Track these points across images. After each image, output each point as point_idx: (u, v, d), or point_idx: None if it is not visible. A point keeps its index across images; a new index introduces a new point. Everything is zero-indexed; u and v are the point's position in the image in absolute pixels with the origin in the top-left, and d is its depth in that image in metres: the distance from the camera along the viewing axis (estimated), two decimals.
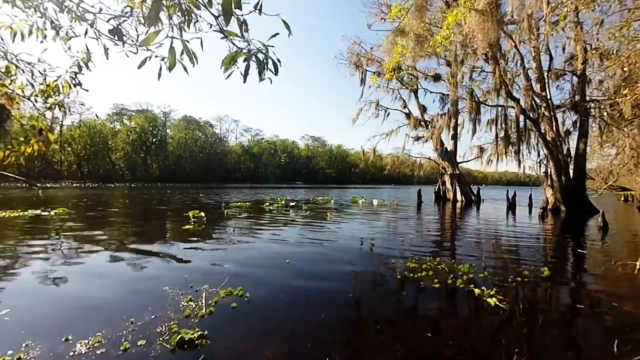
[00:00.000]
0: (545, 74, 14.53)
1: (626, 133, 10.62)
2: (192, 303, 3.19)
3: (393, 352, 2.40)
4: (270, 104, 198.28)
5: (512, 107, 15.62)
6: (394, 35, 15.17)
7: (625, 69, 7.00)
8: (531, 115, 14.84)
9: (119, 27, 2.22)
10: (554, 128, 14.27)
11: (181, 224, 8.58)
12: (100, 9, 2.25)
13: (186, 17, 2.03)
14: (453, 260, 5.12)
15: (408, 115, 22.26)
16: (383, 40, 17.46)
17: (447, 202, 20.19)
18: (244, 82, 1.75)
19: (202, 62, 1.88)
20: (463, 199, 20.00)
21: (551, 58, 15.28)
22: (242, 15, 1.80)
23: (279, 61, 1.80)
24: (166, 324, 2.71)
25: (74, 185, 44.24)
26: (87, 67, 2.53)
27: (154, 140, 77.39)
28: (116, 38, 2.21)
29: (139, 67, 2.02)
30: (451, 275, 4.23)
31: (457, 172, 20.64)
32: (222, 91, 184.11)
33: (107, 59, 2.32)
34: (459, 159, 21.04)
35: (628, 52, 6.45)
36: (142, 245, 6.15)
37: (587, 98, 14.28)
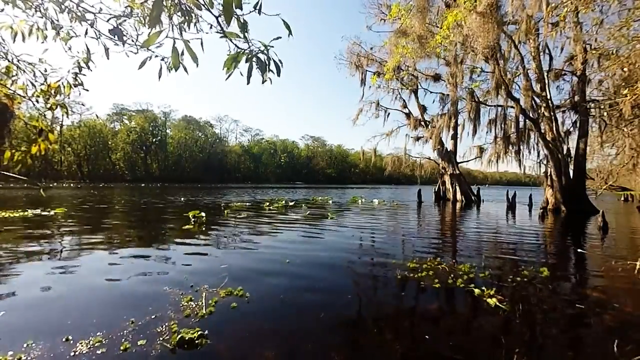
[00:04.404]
0: (545, 74, 14.52)
1: (626, 133, 10.63)
2: (192, 303, 3.19)
3: (393, 352, 2.40)
4: (271, 104, 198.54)
5: (512, 107, 15.62)
6: (397, 37, 15.18)
7: (625, 69, 7.01)
8: (531, 115, 14.84)
9: (119, 27, 2.22)
10: (554, 128, 14.26)
11: (181, 224, 8.58)
12: (100, 9, 2.25)
13: (187, 18, 2.03)
14: (453, 260, 5.12)
15: (408, 115, 22.26)
16: (385, 42, 17.49)
17: (447, 202, 20.19)
18: (248, 83, 1.76)
19: (202, 62, 1.89)
20: (463, 199, 20.01)
21: (551, 58, 15.30)
22: (242, 16, 1.81)
23: (281, 62, 1.80)
24: (166, 324, 2.72)
25: (74, 185, 44.24)
26: (88, 67, 2.53)
27: (154, 140, 77.45)
28: (116, 38, 2.22)
29: (140, 67, 2.02)
30: (451, 275, 4.23)
31: (457, 172, 20.64)
32: (222, 91, 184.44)
33: (108, 58, 2.33)
34: (459, 159, 21.05)
35: (628, 52, 6.45)
36: (142, 245, 6.16)
37: (587, 98, 14.28)
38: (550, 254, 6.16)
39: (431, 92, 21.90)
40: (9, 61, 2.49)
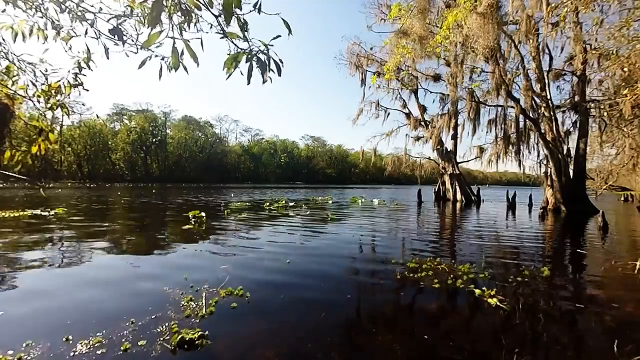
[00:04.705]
0: (545, 74, 14.53)
1: (626, 133, 10.64)
2: (192, 303, 3.19)
3: (392, 352, 2.40)
4: (271, 104, 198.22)
5: (512, 107, 15.63)
6: (397, 37, 15.18)
7: (625, 69, 7.01)
8: (531, 115, 14.84)
9: (119, 27, 2.22)
10: (554, 128, 14.27)
11: (181, 224, 8.58)
12: (101, 9, 2.25)
13: (186, 17, 2.03)
14: (453, 261, 5.12)
15: (408, 115, 22.26)
16: (385, 42, 17.48)
17: (447, 202, 20.19)
18: (248, 83, 1.75)
19: (202, 62, 1.89)
20: (463, 199, 20.01)
21: (551, 58, 15.29)
22: (242, 15, 1.81)
23: (281, 62, 1.80)
24: (167, 324, 2.72)
25: (74, 185, 44.24)
26: (88, 67, 2.53)
27: (154, 140, 77.42)
28: (116, 38, 2.22)
29: (140, 67, 2.02)
30: (451, 276, 4.23)
31: (457, 172, 20.64)
32: (222, 91, 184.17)
33: (108, 58, 2.33)
34: (459, 159, 21.06)
35: (628, 52, 6.45)
36: (142, 245, 6.15)
37: (587, 98, 14.29)
38: (551, 254, 6.16)
39: (431, 92, 21.93)
40: (9, 61, 2.49)
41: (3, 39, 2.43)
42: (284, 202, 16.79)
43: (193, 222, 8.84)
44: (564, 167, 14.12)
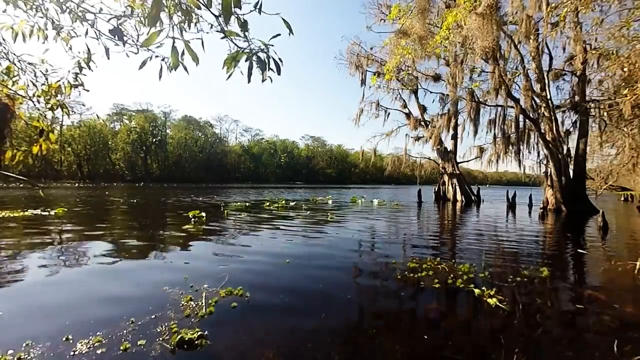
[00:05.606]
0: (545, 74, 14.53)
1: (626, 133, 10.65)
2: (192, 303, 3.19)
3: (393, 352, 2.40)
4: (271, 103, 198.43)
5: (512, 107, 15.63)
6: (397, 37, 15.19)
7: (625, 69, 7.01)
8: (531, 115, 14.84)
9: (120, 27, 2.22)
10: (554, 128, 14.27)
11: (181, 224, 8.58)
12: (101, 9, 2.26)
13: (186, 17, 2.03)
14: (453, 260, 5.12)
15: (408, 115, 22.26)
16: (385, 42, 17.50)
17: (447, 202, 20.20)
18: (249, 82, 1.76)
19: (202, 62, 1.89)
20: (463, 199, 20.01)
21: (551, 58, 15.30)
22: (242, 15, 1.81)
23: (281, 60, 1.80)
24: (166, 324, 2.72)
25: (74, 185, 44.26)
26: (89, 68, 2.54)
27: (154, 140, 77.47)
28: (117, 38, 2.22)
29: (140, 67, 2.03)
30: (451, 275, 4.23)
31: (457, 172, 20.64)
32: (222, 91, 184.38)
33: (108, 58, 2.33)
34: (459, 159, 21.06)
35: (628, 52, 6.46)
36: (142, 245, 6.15)
37: (587, 98, 14.29)
38: (550, 254, 6.16)
39: (431, 92, 21.94)
40: (9, 61, 2.49)
41: (3, 39, 2.44)
42: (283, 202, 16.79)
43: (193, 222, 8.84)
44: (564, 167, 14.12)
